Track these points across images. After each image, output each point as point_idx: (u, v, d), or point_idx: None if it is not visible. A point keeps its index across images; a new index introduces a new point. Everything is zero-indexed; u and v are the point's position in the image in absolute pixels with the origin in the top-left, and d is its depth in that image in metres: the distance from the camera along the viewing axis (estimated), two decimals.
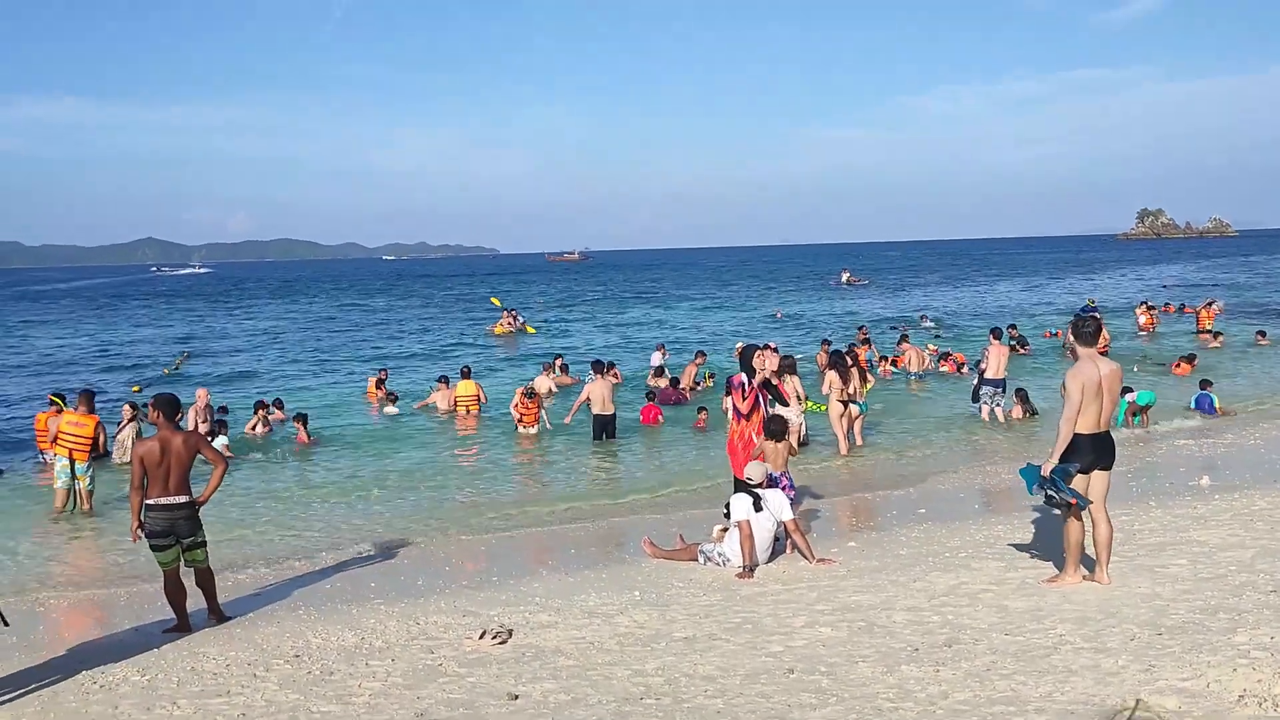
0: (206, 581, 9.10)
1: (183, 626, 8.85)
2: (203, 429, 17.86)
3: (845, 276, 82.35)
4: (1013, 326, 29.88)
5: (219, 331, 50.83)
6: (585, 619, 8.40)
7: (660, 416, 19.72)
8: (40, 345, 45.15)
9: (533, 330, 43.06)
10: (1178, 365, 24.27)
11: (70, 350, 42.28)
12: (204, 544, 8.98)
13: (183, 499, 8.77)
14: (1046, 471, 8.21)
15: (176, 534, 8.75)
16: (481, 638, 7.84)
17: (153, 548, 8.80)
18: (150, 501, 8.68)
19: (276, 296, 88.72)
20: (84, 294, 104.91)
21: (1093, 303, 41.95)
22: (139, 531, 8.77)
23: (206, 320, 59.46)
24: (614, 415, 18.33)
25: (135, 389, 26.52)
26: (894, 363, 25.75)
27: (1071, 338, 8.45)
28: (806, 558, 10.03)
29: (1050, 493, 8.26)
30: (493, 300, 56.25)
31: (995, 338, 19.94)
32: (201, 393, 19.20)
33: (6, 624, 7.37)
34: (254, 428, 19.21)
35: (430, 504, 14.19)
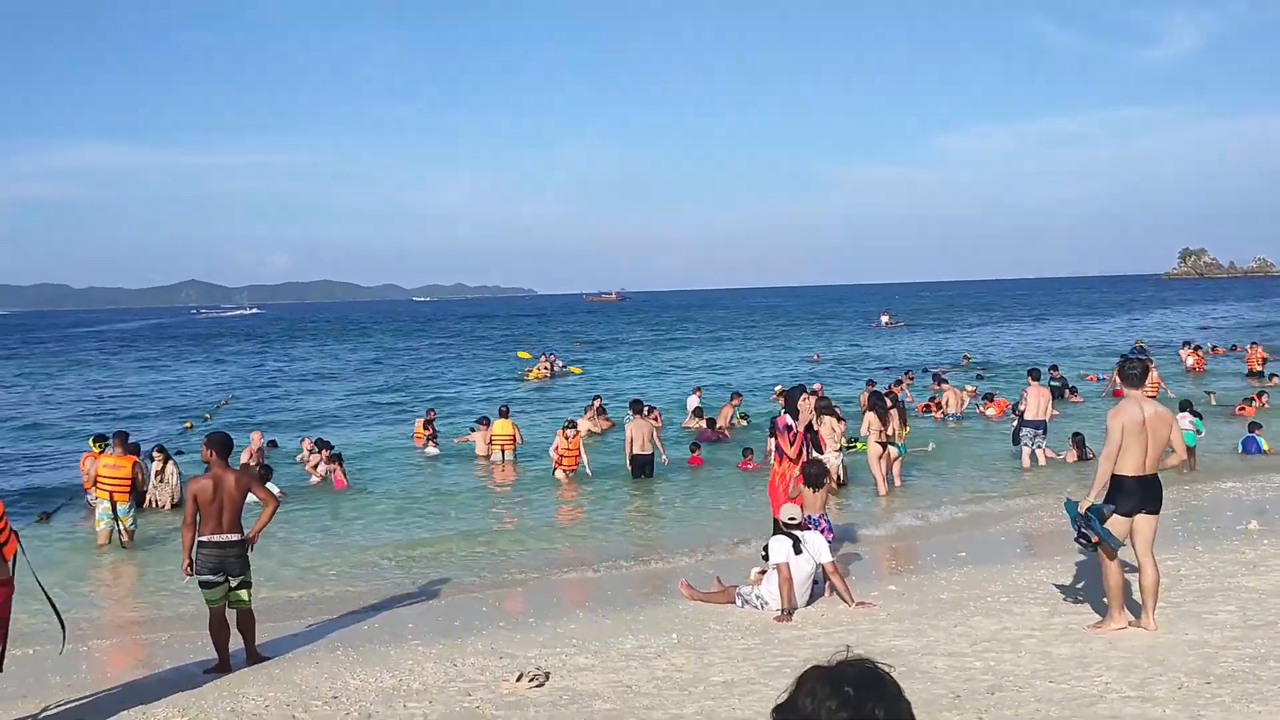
0: (247, 624, 9.15)
1: (223, 666, 8.89)
2: None
3: (884, 319, 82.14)
4: (1054, 368, 29.52)
5: (270, 371, 51.42)
6: (623, 661, 8.35)
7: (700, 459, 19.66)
8: (95, 386, 45.79)
9: (578, 370, 43.03)
10: (1242, 407, 23.85)
11: (124, 391, 42.85)
12: (250, 585, 9.06)
13: (235, 537, 8.88)
14: (1083, 508, 8.15)
15: (226, 571, 8.82)
16: (519, 680, 7.81)
17: (201, 584, 8.89)
18: (203, 539, 8.80)
19: (325, 337, 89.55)
20: (141, 335, 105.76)
21: (1141, 344, 41.35)
22: (189, 568, 8.86)
23: (261, 361, 60.13)
24: (653, 455, 18.34)
25: (187, 425, 26.90)
26: (932, 405, 25.55)
27: (1118, 379, 8.38)
28: (845, 601, 9.93)
29: (1083, 530, 8.20)
30: (520, 354, 54.61)
31: (1034, 379, 19.77)
32: (255, 435, 19.35)
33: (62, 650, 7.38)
34: (314, 467, 19.20)
35: (467, 544, 14.19)
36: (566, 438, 18.66)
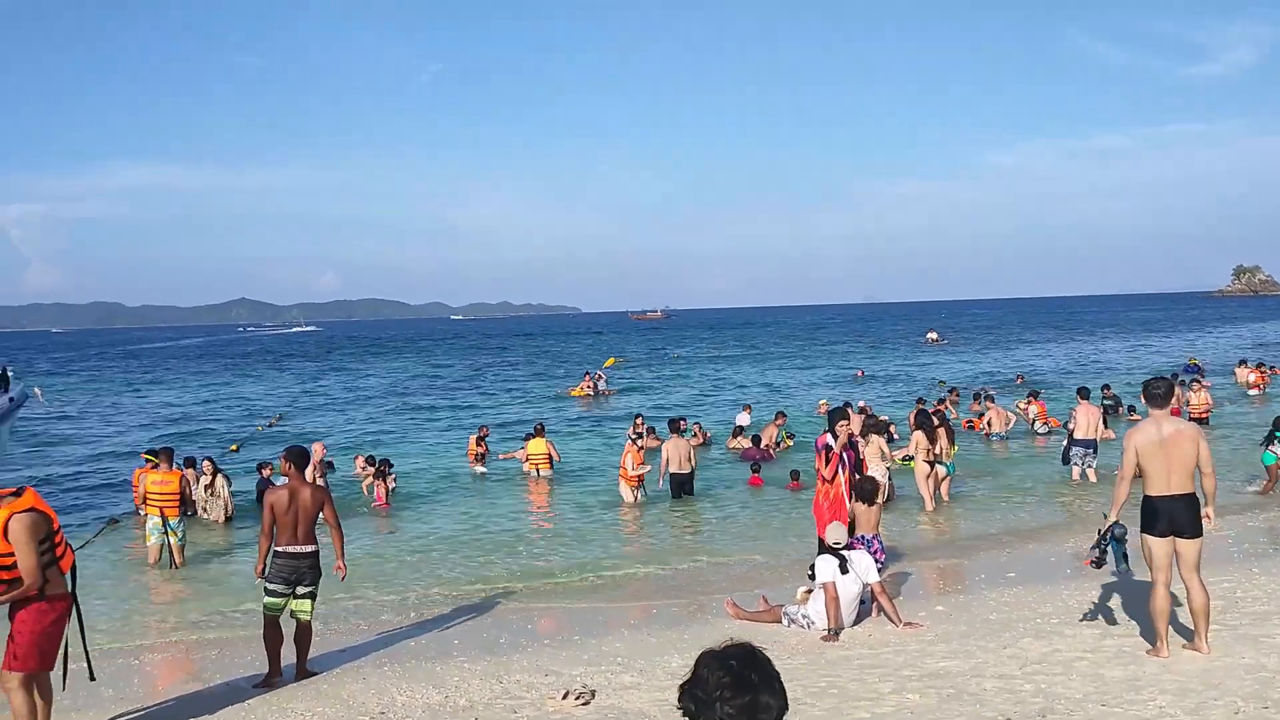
0: (303, 637, 9.27)
1: (274, 673, 9.03)
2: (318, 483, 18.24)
3: (932, 336, 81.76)
4: (1106, 386, 29.12)
5: (332, 387, 52.00)
6: (669, 680, 8.33)
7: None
8: (159, 402, 46.53)
9: (609, 390, 42.84)
10: None
11: (187, 406, 43.51)
12: (314, 598, 9.24)
13: (308, 548, 9.11)
14: (1103, 528, 8.23)
15: (299, 581, 9.06)
16: (565, 698, 7.82)
17: (267, 591, 9.10)
18: (278, 549, 9.06)
19: (379, 355, 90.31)
20: (203, 353, 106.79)
21: (1194, 361, 40.59)
22: (261, 571, 9.15)
23: (322, 377, 60.86)
24: (692, 474, 18.30)
25: (234, 448, 27.21)
26: (976, 423, 25.33)
27: (1143, 399, 8.29)
28: (893, 621, 9.85)
29: (1099, 548, 8.28)
30: (609, 362, 54.70)
31: (1083, 397, 19.54)
32: (318, 447, 19.43)
33: (94, 678, 7.53)
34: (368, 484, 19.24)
35: (511, 562, 14.24)
36: (637, 454, 18.35)
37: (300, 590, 9.10)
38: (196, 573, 14.10)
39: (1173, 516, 7.88)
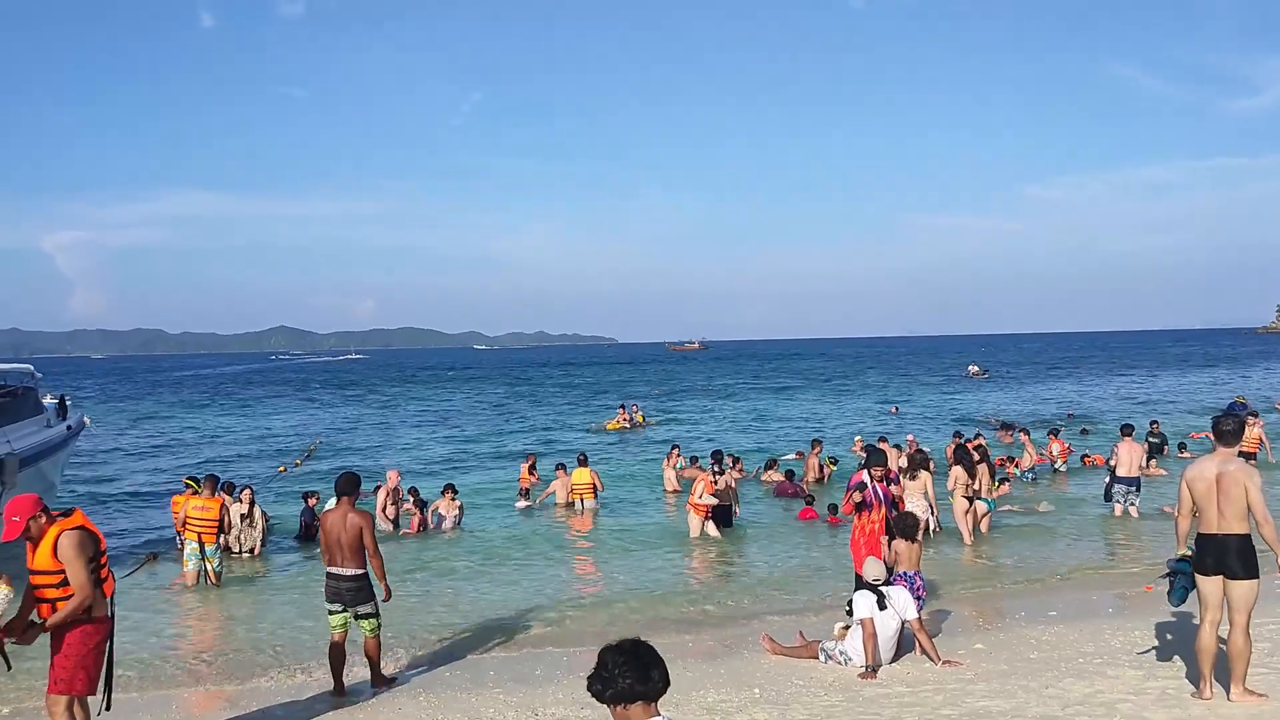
0: (370, 650, 9.64)
1: (338, 691, 9.41)
2: (390, 511, 18.38)
3: (973, 369, 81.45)
4: (1154, 423, 28.68)
5: (363, 417, 52.37)
6: (704, 715, 8.27)
7: (814, 510, 19.34)
8: (203, 429, 47.04)
9: (644, 420, 42.47)
10: None
11: (229, 434, 43.94)
12: (372, 616, 9.54)
13: (349, 571, 9.41)
14: (1169, 564, 8.22)
15: (343, 602, 9.40)
16: None
17: (328, 610, 9.55)
18: (326, 569, 9.52)
19: (424, 383, 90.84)
20: (249, 379, 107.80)
21: (1241, 400, 39.93)
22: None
23: (357, 405, 61.36)
24: (729, 507, 18.21)
25: (280, 470, 27.46)
26: (1009, 463, 24.97)
27: (1212, 436, 8.17)
28: (932, 659, 9.73)
29: (1169, 577, 8.29)
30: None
31: (1126, 434, 19.31)
32: (392, 474, 19.49)
33: (108, 708, 7.44)
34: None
35: (547, 592, 14.18)
36: (710, 479, 17.82)
37: (360, 611, 9.45)
38: (232, 598, 14.18)
39: (1221, 556, 7.72)
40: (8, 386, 19.94)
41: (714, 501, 17.69)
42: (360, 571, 9.44)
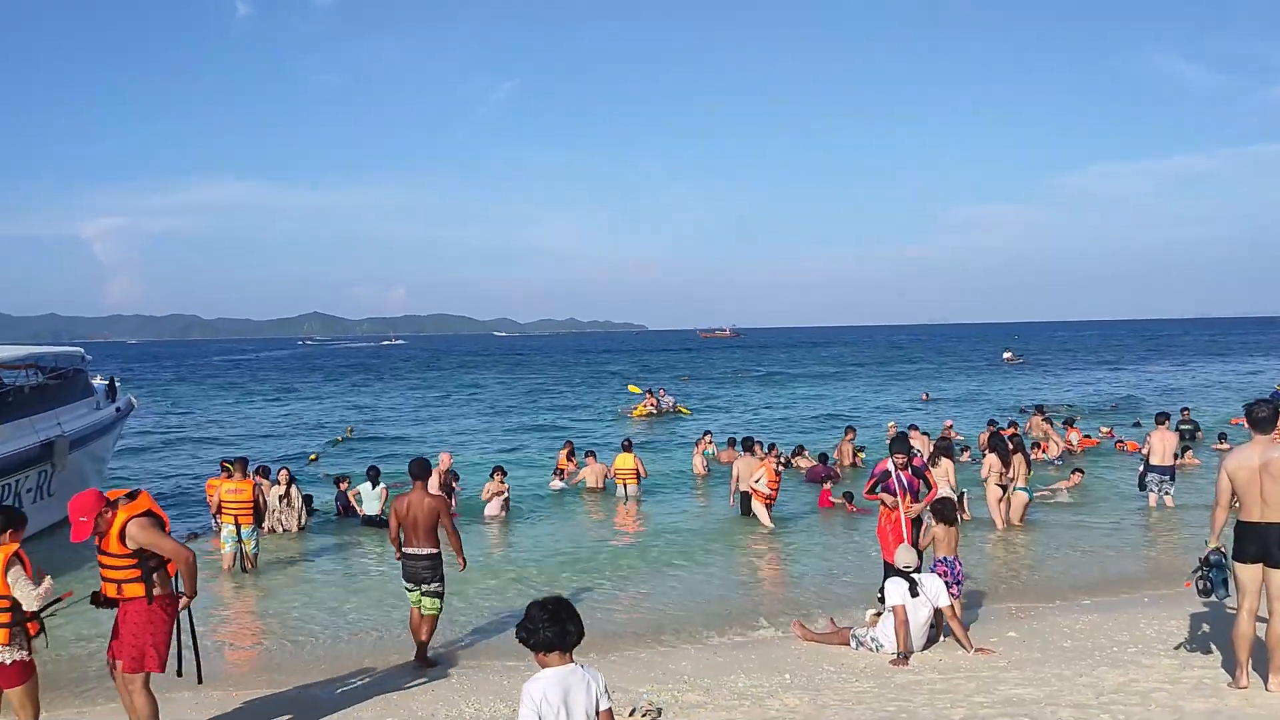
0: (426, 629, 10.10)
1: (420, 656, 10.06)
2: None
3: (1008, 355, 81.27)
4: (1185, 410, 28.42)
5: (407, 402, 52.65)
6: (735, 700, 8.29)
7: (832, 498, 19.28)
8: (236, 413, 47.48)
9: (687, 411, 41.44)
10: None
11: (261, 419, 44.31)
12: (438, 595, 10.08)
13: (424, 550, 10.01)
14: (1205, 554, 8.10)
15: (417, 580, 9.97)
16: (631, 715, 7.82)
17: (405, 588, 10.19)
18: (404, 550, 10.10)
19: (460, 368, 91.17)
20: (289, 365, 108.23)
21: None
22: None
23: (413, 389, 61.70)
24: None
25: (312, 458, 27.64)
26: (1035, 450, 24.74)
27: (1246, 422, 8.08)
28: (964, 646, 9.71)
29: (1204, 573, 8.11)
30: (630, 388, 53.62)
31: (1160, 423, 19.13)
32: (445, 457, 19.55)
33: (201, 680, 7.79)
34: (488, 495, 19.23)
35: (578, 576, 14.22)
36: (775, 468, 17.70)
37: (425, 588, 9.98)
38: (270, 580, 14.33)
39: (1264, 544, 7.65)
40: (59, 369, 20.18)
41: (769, 493, 17.52)
42: (434, 551, 10.02)
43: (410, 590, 10.10)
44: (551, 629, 4.71)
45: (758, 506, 17.62)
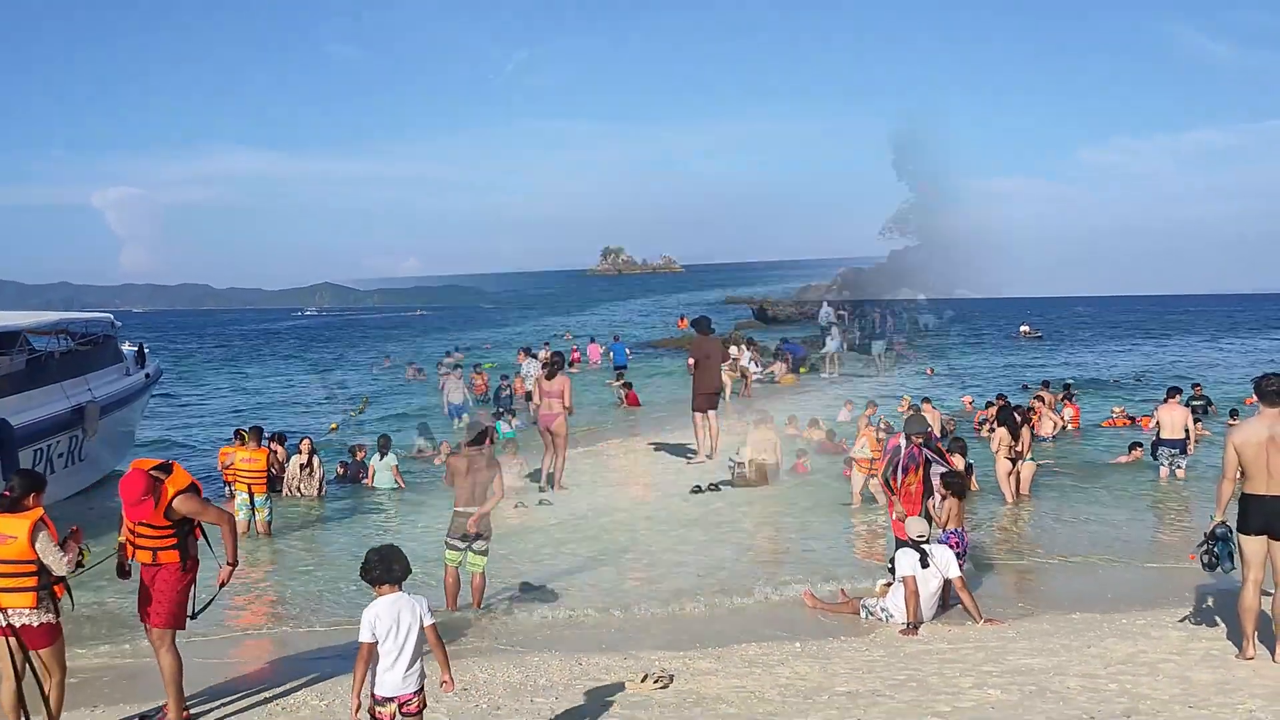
0: (478, 585, 10.65)
1: (449, 607, 10.44)
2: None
3: (1024, 329, 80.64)
4: (1197, 385, 28.35)
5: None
6: (746, 667, 8.39)
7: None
8: (249, 383, 47.44)
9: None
10: None
11: (279, 388, 44.25)
12: (485, 552, 10.57)
13: (474, 509, 10.41)
14: (1210, 527, 8.16)
15: (468, 538, 10.40)
16: (644, 681, 7.92)
17: (447, 545, 10.61)
18: (459, 509, 10.52)
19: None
20: (314, 333, 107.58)
21: None
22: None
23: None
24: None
25: (333, 428, 27.75)
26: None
27: (1256, 396, 8.11)
28: (974, 617, 9.79)
29: (1209, 548, 8.18)
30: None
31: (1169, 397, 19.13)
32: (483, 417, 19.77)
33: (195, 616, 7.87)
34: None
35: (590, 547, 14.17)
36: (876, 436, 16.10)
37: (476, 546, 10.43)
38: (283, 548, 14.42)
39: (1268, 516, 7.69)
40: (89, 335, 20.31)
41: (870, 457, 15.85)
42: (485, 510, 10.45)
43: (457, 550, 10.48)
44: (379, 568, 5.95)
45: (856, 478, 16.40)
